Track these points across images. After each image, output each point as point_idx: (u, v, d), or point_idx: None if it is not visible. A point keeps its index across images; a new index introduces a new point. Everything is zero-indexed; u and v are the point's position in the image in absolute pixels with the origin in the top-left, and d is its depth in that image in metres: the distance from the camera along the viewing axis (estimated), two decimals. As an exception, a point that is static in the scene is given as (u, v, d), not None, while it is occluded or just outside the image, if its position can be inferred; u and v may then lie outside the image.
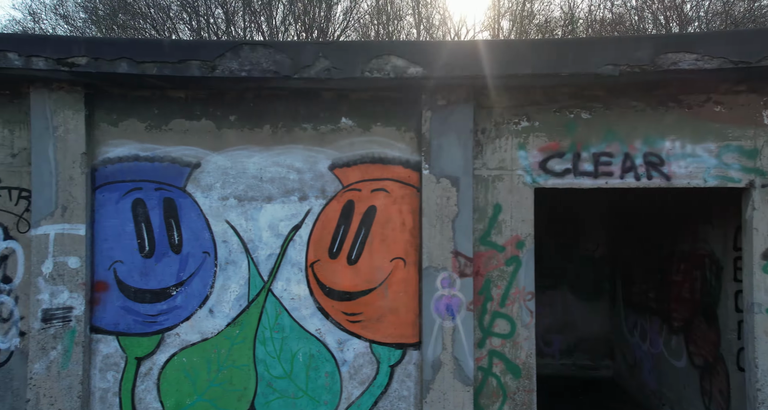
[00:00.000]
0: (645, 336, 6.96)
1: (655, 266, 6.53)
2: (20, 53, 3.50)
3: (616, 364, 8.02)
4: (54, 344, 3.96)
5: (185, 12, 19.24)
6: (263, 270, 4.21)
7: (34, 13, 20.33)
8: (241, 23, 19.48)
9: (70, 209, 3.98)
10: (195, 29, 18.98)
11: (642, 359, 6.99)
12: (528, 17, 21.15)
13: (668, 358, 6.18)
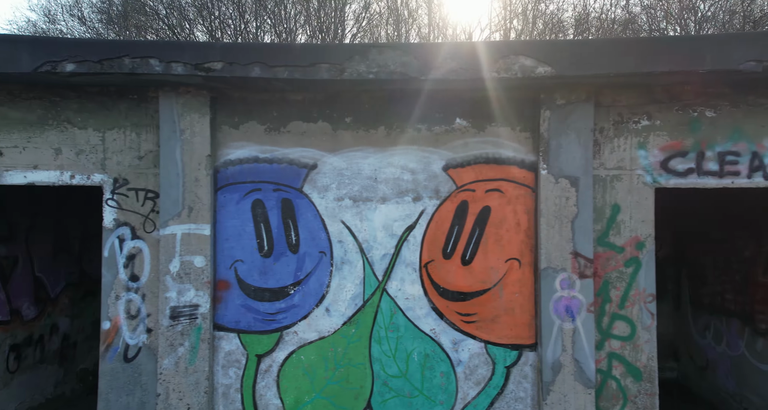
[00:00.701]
0: (720, 337, 6.78)
1: (735, 268, 6.36)
2: (161, 59, 3.64)
3: (682, 366, 7.83)
4: (181, 340, 4.09)
5: (200, 14, 19.52)
6: (378, 270, 4.25)
7: (49, 13, 21.08)
8: (253, 22, 19.72)
9: (196, 209, 4.11)
10: (211, 30, 19.27)
11: (716, 361, 6.81)
12: (540, 17, 20.91)
13: (752, 361, 6.00)
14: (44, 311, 6.56)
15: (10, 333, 5.86)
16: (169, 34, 19.14)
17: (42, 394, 6.37)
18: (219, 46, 3.67)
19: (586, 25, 20.63)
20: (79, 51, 3.59)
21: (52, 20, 19.85)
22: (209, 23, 19.41)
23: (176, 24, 19.23)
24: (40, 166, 4.15)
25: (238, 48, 3.65)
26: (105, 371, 4.14)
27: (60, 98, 4.14)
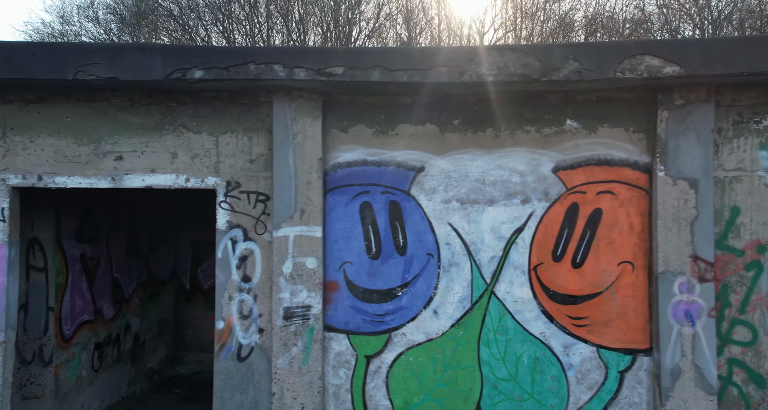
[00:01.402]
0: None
1: None
2: (284, 65, 3.71)
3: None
4: (295, 341, 4.16)
5: (214, 15, 19.73)
6: (485, 272, 4.25)
7: (63, 15, 21.64)
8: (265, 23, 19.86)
9: (308, 212, 4.18)
10: (224, 31, 19.49)
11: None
12: (550, 18, 20.61)
13: None
14: (120, 311, 6.76)
15: (95, 332, 6.05)
16: (186, 36, 19.47)
17: (118, 392, 6.56)
18: (341, 51, 3.72)
19: (597, 26, 20.31)
20: (208, 58, 3.69)
21: (66, 22, 20.38)
22: (222, 25, 19.68)
23: (193, 25, 19.54)
24: (157, 169, 4.28)
25: (359, 53, 3.70)
26: (219, 370, 4.25)
27: (176, 104, 4.27)
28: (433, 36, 21.32)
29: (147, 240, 7.40)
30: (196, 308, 8.42)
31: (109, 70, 3.68)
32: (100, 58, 3.67)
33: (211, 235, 8.20)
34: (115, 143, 4.24)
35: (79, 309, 5.77)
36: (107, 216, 6.28)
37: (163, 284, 7.98)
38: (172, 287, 8.27)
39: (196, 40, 19.60)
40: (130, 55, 3.68)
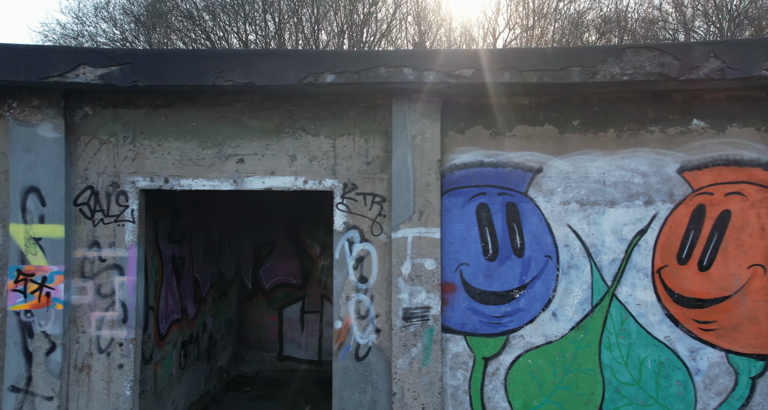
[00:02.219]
0: None
1: None
2: (414, 68, 3.75)
3: None
4: (414, 341, 4.19)
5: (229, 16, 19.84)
6: (606, 275, 4.18)
7: (78, 16, 22.10)
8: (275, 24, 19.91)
9: (426, 213, 4.20)
10: (243, 32, 19.63)
11: None
12: (561, 17, 20.09)
13: None
14: (199, 310, 6.92)
15: (181, 330, 6.21)
16: (202, 36, 19.73)
17: (197, 391, 6.70)
18: (471, 54, 3.73)
19: (612, 25, 19.78)
20: (339, 63, 3.75)
21: (81, 22, 20.87)
22: (238, 26, 19.83)
23: (211, 27, 19.75)
24: (276, 172, 4.38)
25: (490, 55, 3.69)
26: (338, 369, 4.31)
27: (296, 107, 4.35)
28: (447, 37, 21.22)
29: (218, 241, 7.57)
30: (257, 307, 8.56)
31: (246, 75, 3.78)
32: (236, 64, 3.77)
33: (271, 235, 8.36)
34: (237, 146, 4.36)
35: (170, 307, 5.95)
36: (190, 217, 6.45)
37: (229, 284, 8.15)
38: (235, 287, 8.43)
39: (216, 42, 19.92)
40: (265, 61, 3.77)
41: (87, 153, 4.26)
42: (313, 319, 8.63)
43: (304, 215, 8.24)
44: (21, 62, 3.67)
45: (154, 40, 19.81)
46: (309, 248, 8.49)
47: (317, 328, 8.58)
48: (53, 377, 4.10)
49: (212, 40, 19.93)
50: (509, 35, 20.98)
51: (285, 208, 8.27)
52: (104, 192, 4.29)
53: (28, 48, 3.75)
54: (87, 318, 4.25)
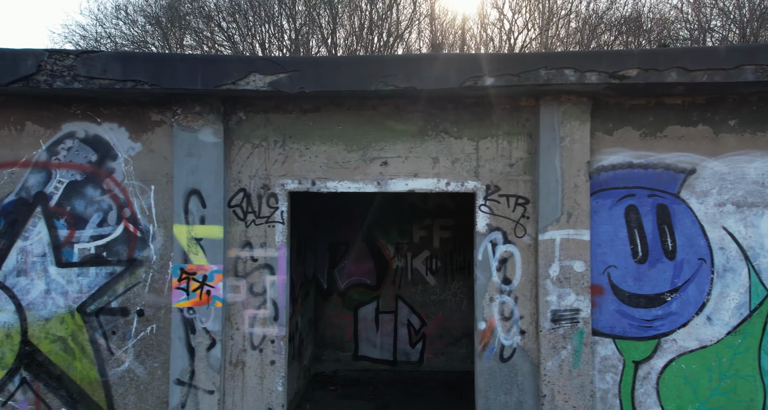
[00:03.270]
0: None
1: None
2: (576, 69, 3.74)
3: None
4: (564, 344, 4.17)
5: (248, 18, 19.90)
6: (766, 279, 4.06)
7: (98, 18, 22.52)
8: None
9: (575, 215, 4.18)
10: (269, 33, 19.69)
11: None
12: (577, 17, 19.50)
13: None
14: (294, 310, 7.06)
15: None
16: (220, 37, 19.90)
17: (292, 389, 6.83)
18: (637, 54, 3.69)
19: (630, 24, 19.11)
20: (500, 66, 3.79)
21: (101, 23, 21.31)
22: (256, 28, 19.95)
23: (236, 31, 19.90)
24: (419, 174, 4.45)
25: (657, 54, 3.65)
26: (482, 370, 4.34)
27: (438, 110, 4.41)
28: (462, 39, 20.96)
29: (304, 241, 7.71)
30: (332, 307, 8.65)
31: (407, 80, 3.86)
32: (399, 69, 3.86)
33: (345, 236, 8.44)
34: (381, 149, 4.45)
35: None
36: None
37: (309, 284, 8.27)
38: (313, 287, 8.55)
39: (239, 43, 20.22)
40: (426, 65, 3.85)
41: (240, 157, 4.44)
42: (388, 319, 8.69)
43: (379, 215, 8.31)
44: (198, 71, 3.86)
45: (172, 43, 20.20)
46: (383, 249, 8.55)
47: (392, 328, 8.63)
48: (214, 372, 4.29)
49: (234, 42, 20.29)
50: (527, 36, 20.73)
51: (360, 209, 8.36)
52: (256, 194, 4.46)
53: (204, 58, 3.95)
54: (240, 316, 4.43)
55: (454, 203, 8.11)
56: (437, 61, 3.82)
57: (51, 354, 4.29)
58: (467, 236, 8.16)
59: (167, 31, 20.23)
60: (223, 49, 20.12)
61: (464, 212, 8.14)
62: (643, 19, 19.58)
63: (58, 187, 4.33)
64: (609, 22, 19.86)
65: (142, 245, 4.40)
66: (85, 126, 4.34)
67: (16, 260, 4.28)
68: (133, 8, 20.83)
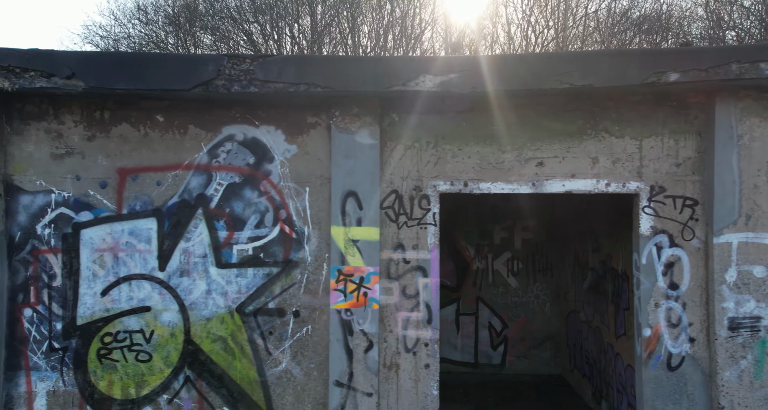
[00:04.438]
0: None
1: None
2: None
3: None
4: (743, 353, 3.95)
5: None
6: None
7: (117, 18, 22.63)
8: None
9: (754, 217, 3.95)
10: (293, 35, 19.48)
11: None
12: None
13: None
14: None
15: None
16: (240, 36, 19.76)
17: None
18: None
19: (652, 23, 18.13)
20: (687, 61, 3.62)
21: (121, 24, 21.48)
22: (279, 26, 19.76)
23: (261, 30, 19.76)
24: (577, 175, 4.31)
25: None
26: (648, 378, 4.15)
27: (598, 109, 4.26)
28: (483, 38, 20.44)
29: None
30: None
31: (584, 77, 3.74)
32: (575, 66, 3.74)
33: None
34: (537, 150, 4.34)
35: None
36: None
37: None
38: None
39: (261, 43, 20.21)
40: (604, 62, 3.72)
41: (392, 158, 4.42)
42: (469, 321, 8.54)
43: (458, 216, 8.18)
44: (368, 73, 3.86)
45: (189, 43, 20.40)
46: (463, 251, 8.41)
47: (473, 330, 8.47)
48: (371, 374, 4.27)
49: (254, 42, 20.34)
50: (548, 35, 20.07)
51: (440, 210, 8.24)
52: (408, 196, 4.42)
53: (375, 60, 3.95)
54: (393, 318, 4.40)
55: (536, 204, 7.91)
56: (617, 57, 3.68)
57: (212, 354, 4.38)
58: (549, 237, 7.98)
59: (185, 31, 20.40)
60: (244, 48, 20.30)
61: (545, 213, 7.95)
62: (665, 16, 19.02)
63: (218, 189, 4.42)
64: (633, 21, 19.32)
65: (298, 247, 4.43)
66: (243, 129, 4.41)
67: (179, 260, 4.39)
68: (152, 8, 21.12)
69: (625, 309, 5.24)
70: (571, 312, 7.35)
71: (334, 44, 20.47)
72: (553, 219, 7.94)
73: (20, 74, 3.74)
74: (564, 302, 7.70)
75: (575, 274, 7.11)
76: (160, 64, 3.87)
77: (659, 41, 18.68)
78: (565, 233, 7.57)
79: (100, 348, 4.31)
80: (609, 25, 19.39)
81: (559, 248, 7.85)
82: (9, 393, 4.20)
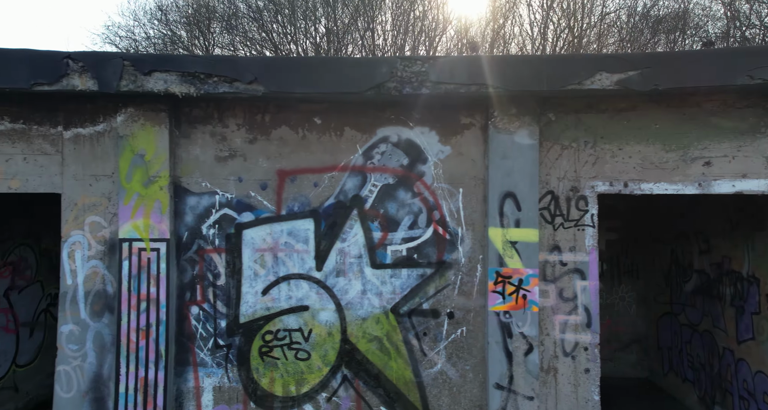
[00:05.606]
0: None
1: None
2: None
3: None
4: None
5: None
6: None
7: (137, 18, 22.59)
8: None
9: None
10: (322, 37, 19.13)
11: None
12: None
13: None
14: None
15: None
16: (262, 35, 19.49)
17: None
18: None
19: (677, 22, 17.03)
20: None
21: (141, 24, 21.44)
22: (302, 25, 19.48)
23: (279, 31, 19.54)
24: (749, 175, 4.12)
25: None
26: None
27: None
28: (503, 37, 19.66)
29: None
30: None
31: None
32: None
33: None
34: (704, 149, 4.17)
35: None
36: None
37: None
38: None
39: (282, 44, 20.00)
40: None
41: (548, 159, 4.34)
42: None
43: None
44: (543, 72, 3.81)
45: (209, 42, 20.45)
46: None
47: None
48: (532, 377, 4.21)
49: (275, 43, 20.28)
50: (566, 35, 19.24)
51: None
52: (564, 197, 4.34)
53: (549, 59, 3.89)
54: (550, 321, 4.33)
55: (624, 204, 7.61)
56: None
57: (368, 353, 4.42)
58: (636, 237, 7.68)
59: (201, 30, 20.52)
60: (266, 50, 20.38)
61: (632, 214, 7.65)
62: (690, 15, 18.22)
63: (372, 190, 4.46)
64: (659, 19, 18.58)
65: (451, 248, 4.42)
66: (397, 131, 4.43)
67: (335, 261, 4.45)
68: (172, 8, 21.25)
69: (754, 312, 5.01)
70: (665, 314, 7.09)
71: (353, 44, 20.45)
72: (642, 219, 7.65)
73: (204, 80, 3.87)
74: (655, 305, 7.43)
75: (672, 276, 6.84)
76: (335, 68, 3.92)
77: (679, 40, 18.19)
78: (657, 233, 7.29)
79: (262, 345, 4.42)
80: (630, 25, 18.86)
81: (648, 249, 7.58)
82: (179, 388, 4.36)
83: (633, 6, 19.33)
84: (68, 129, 4.28)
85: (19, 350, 6.29)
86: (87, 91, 3.87)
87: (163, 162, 4.25)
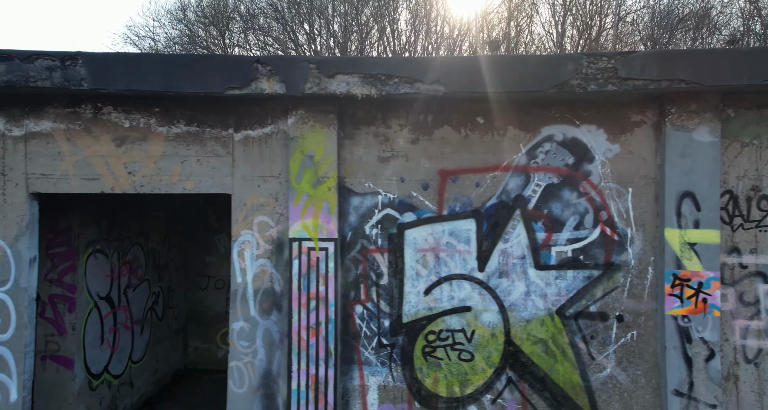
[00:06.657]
0: None
1: None
2: None
3: None
4: None
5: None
6: None
7: (157, 18, 22.32)
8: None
9: None
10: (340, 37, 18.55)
11: None
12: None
13: None
14: None
15: None
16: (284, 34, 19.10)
17: None
18: None
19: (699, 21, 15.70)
20: None
21: (161, 24, 21.30)
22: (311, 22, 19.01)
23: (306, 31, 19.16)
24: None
25: None
26: None
27: None
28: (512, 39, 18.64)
29: None
30: None
31: None
32: None
33: None
34: None
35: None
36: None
37: None
38: None
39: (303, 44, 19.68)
40: None
41: (727, 157, 4.15)
42: None
43: None
44: (743, 66, 3.64)
45: (228, 41, 20.31)
46: None
47: None
48: (714, 384, 4.03)
49: (297, 43, 20.03)
50: (574, 34, 18.24)
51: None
52: (744, 196, 4.14)
53: (750, 51, 3.72)
54: (729, 326, 4.14)
55: None
56: None
57: (533, 356, 4.34)
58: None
59: (221, 30, 20.45)
60: (292, 50, 20.21)
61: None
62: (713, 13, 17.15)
63: (535, 190, 4.38)
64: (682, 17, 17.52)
65: (620, 250, 4.29)
66: (563, 129, 4.34)
67: (498, 261, 4.40)
68: (192, 8, 21.23)
69: None
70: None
71: (369, 43, 20.16)
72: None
73: (385, 81, 3.89)
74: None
75: None
76: (520, 66, 3.87)
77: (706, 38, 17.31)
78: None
79: (425, 345, 4.42)
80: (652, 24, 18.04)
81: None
82: (345, 386, 4.41)
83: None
84: (238, 131, 4.40)
85: (134, 347, 6.52)
86: (273, 95, 3.96)
87: (331, 163, 4.31)
